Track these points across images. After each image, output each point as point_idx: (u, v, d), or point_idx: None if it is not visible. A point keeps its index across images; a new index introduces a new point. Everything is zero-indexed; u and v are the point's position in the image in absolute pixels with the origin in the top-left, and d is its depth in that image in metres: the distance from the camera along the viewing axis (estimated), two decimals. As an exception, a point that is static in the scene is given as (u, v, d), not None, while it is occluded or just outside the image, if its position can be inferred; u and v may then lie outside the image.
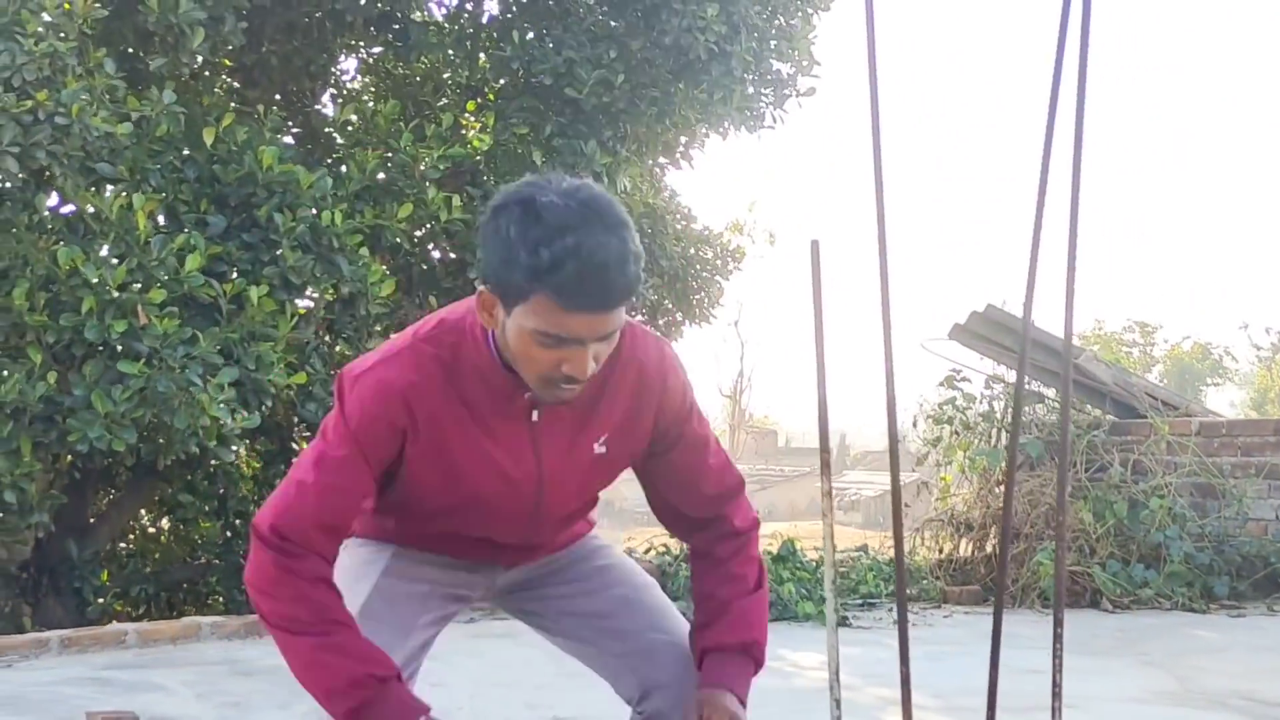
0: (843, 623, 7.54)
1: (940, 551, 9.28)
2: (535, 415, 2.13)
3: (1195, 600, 8.29)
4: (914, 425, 9.48)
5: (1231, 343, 52.90)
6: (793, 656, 6.28)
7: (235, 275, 7.00)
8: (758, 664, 2.29)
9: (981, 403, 9.15)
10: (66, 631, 6.33)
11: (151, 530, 9.02)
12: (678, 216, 10.85)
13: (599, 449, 2.19)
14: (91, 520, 8.03)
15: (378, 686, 2.03)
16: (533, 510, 2.24)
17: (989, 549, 8.71)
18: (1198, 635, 7.30)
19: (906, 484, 11.57)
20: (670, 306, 10.95)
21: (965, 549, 9.04)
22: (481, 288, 1.98)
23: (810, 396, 2.25)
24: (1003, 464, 8.90)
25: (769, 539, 8.20)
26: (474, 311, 2.06)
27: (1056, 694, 1.70)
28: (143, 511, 8.86)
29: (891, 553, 9.44)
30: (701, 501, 2.30)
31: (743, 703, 2.22)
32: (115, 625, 6.70)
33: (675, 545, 7.97)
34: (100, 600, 8.00)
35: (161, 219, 7.07)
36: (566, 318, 1.89)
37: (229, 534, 8.50)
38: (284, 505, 2.09)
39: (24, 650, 6.04)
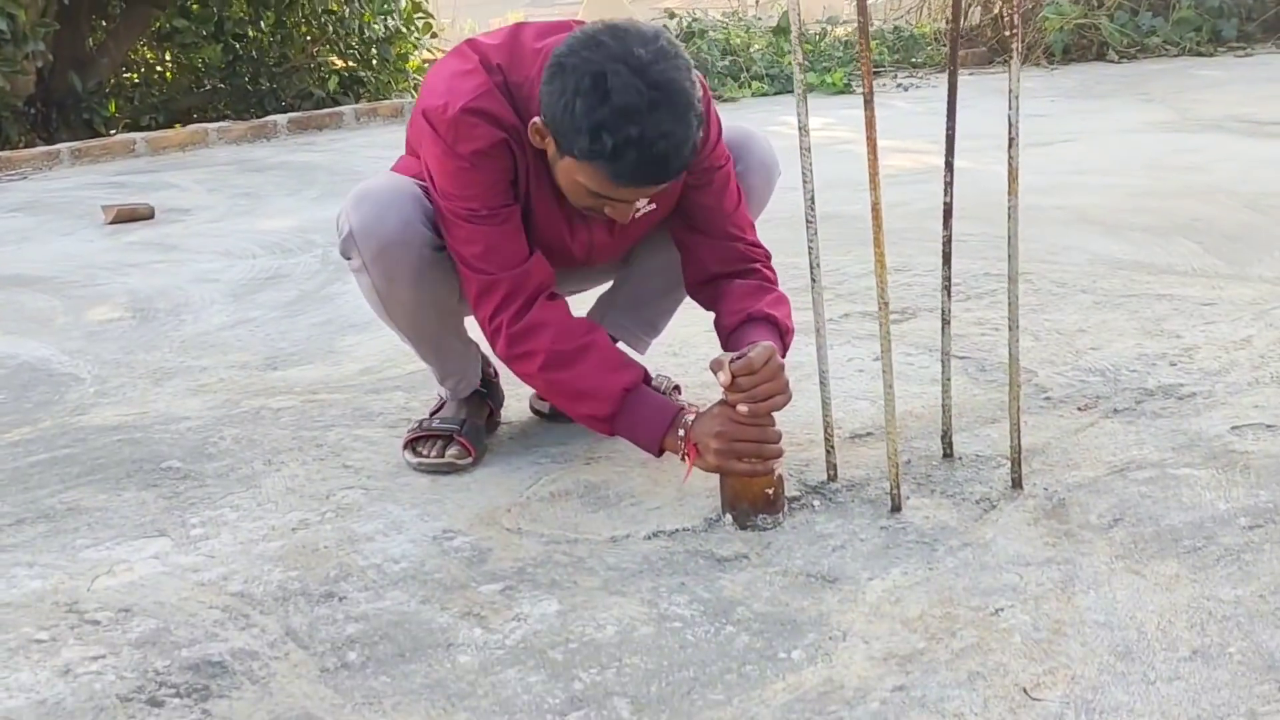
0: (847, 89, 7.62)
1: (946, 21, 9.16)
2: None
3: (1202, 45, 8.23)
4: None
5: None
6: (793, 120, 6.36)
7: None
8: (784, 349, 2.10)
9: None
10: (76, 143, 6.42)
11: (154, 61, 8.92)
12: None
13: (645, 206, 2.05)
14: (91, 50, 7.98)
15: (626, 398, 2.01)
16: (582, 262, 2.21)
17: (996, 9, 8.57)
18: (1201, 75, 7.30)
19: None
20: None
21: (974, 16, 8.91)
22: (537, 120, 1.86)
23: None
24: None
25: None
26: (531, 75, 1.91)
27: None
28: (143, 47, 8.75)
29: (894, 24, 9.35)
30: (732, 251, 2.15)
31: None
32: (124, 135, 6.79)
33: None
34: (112, 132, 8.08)
35: None
36: (617, 189, 1.85)
37: (230, 58, 8.44)
38: (477, 290, 2.01)
39: (36, 162, 6.20)
